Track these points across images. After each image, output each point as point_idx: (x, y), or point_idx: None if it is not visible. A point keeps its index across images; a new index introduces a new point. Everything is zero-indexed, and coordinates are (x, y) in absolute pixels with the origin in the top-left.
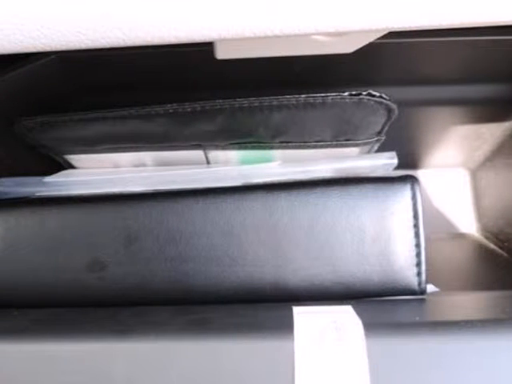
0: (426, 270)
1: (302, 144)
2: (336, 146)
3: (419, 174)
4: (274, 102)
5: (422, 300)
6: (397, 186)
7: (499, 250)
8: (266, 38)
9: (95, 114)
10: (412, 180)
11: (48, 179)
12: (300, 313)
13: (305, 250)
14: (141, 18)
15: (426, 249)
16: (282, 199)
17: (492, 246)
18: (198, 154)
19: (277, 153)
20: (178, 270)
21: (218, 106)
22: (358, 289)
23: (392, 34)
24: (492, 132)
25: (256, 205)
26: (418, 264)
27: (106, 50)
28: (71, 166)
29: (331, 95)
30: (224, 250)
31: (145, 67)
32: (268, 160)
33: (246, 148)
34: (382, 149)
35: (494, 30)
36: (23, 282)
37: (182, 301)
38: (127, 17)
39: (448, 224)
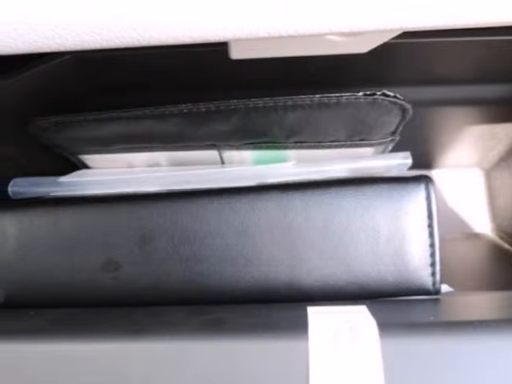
0: (441, 269)
1: (317, 144)
2: (350, 146)
3: (433, 174)
4: (289, 102)
5: (437, 300)
6: (411, 186)
7: None
8: (281, 38)
9: (110, 114)
10: (426, 180)
11: (62, 179)
12: (314, 313)
13: (319, 250)
14: (155, 18)
15: (440, 249)
16: (297, 199)
17: (506, 245)
18: (212, 154)
19: (291, 153)
20: (193, 270)
21: (233, 106)
22: (372, 289)
23: (406, 34)
24: (506, 132)
25: (270, 205)
26: (433, 264)
27: (120, 49)
28: (86, 166)
29: (345, 95)
30: (238, 250)
31: (159, 67)
32: (282, 160)
33: (260, 148)
34: (397, 149)
35: (509, 29)
36: (38, 282)
37: (196, 301)
38: (142, 17)
39: (462, 224)
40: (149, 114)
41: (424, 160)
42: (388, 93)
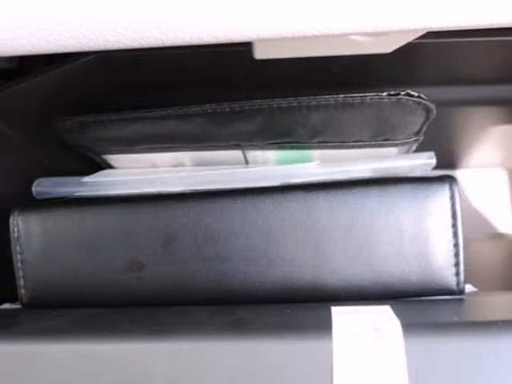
0: (465, 269)
1: (341, 144)
2: (374, 146)
3: (457, 174)
4: (313, 102)
5: (461, 300)
6: (435, 186)
7: None
8: (305, 38)
9: (134, 114)
10: (450, 180)
11: (87, 179)
12: (338, 313)
13: (343, 250)
14: (179, 18)
15: (464, 249)
16: (321, 199)
17: None
18: (236, 154)
19: (315, 153)
20: (217, 270)
21: (257, 106)
22: (396, 289)
23: (430, 34)
24: None
25: (294, 205)
26: (457, 264)
27: (144, 50)
28: (110, 166)
29: (369, 95)
30: (262, 250)
31: (183, 67)
32: (306, 160)
33: (284, 148)
34: (421, 149)
35: None
36: (62, 282)
37: (220, 301)
38: (166, 17)
39: (486, 224)
40: (173, 114)
41: (448, 160)
42: (412, 93)
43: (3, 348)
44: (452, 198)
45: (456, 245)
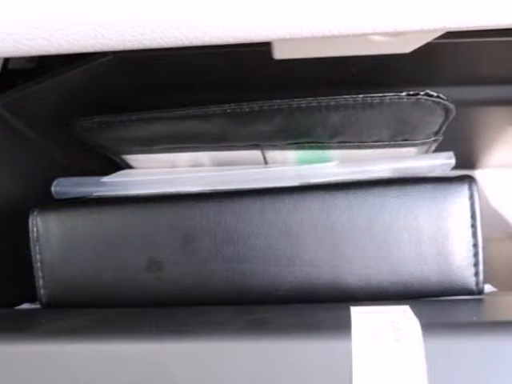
0: (484, 269)
1: (360, 144)
2: (393, 146)
3: (477, 173)
4: (332, 102)
5: (480, 300)
6: (454, 186)
7: None
8: (324, 38)
9: (153, 114)
10: (470, 180)
11: (106, 179)
12: (358, 313)
13: (362, 250)
14: (199, 18)
15: (483, 249)
16: (340, 199)
17: None
18: (255, 154)
19: (334, 153)
20: (236, 270)
21: (276, 106)
22: (415, 289)
23: (450, 34)
24: None
25: (314, 205)
26: (476, 264)
27: (163, 50)
28: (129, 166)
29: (389, 95)
30: (282, 250)
31: (202, 67)
32: (326, 160)
33: (303, 148)
34: (440, 149)
35: None
36: (81, 282)
37: (239, 301)
38: (185, 17)
39: (506, 224)
40: (192, 114)
41: (467, 160)
42: (431, 93)
43: (23, 348)
44: (471, 197)
45: (475, 245)
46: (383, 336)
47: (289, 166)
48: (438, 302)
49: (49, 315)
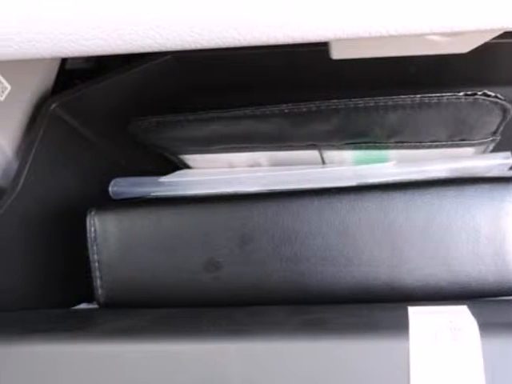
0: None
1: (417, 144)
2: (451, 146)
3: None
4: (390, 102)
5: None
6: None
7: None
8: (381, 37)
9: (210, 114)
10: None
11: (163, 179)
12: (415, 313)
13: (420, 250)
14: (256, 19)
15: None
16: (398, 199)
17: None
18: (313, 154)
19: (392, 153)
20: (293, 270)
21: (334, 106)
22: (473, 289)
23: (507, 34)
24: None
25: (371, 205)
26: None
27: (221, 49)
28: (186, 166)
29: (446, 95)
30: (339, 249)
31: (259, 67)
32: (383, 160)
33: (361, 148)
34: (497, 149)
35: None
36: (139, 282)
37: (297, 301)
38: (243, 17)
39: None
40: (249, 114)
41: None
42: (489, 93)
43: (81, 348)
44: None
45: None
46: (441, 336)
47: (346, 166)
48: (495, 302)
49: (106, 315)
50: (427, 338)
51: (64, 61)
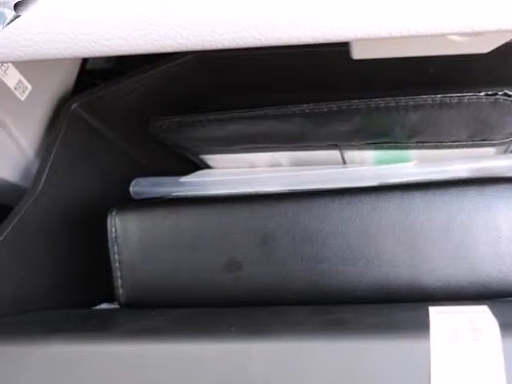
0: None
1: (438, 144)
2: (472, 146)
3: None
4: (411, 102)
5: None
6: None
7: None
8: (402, 37)
9: (231, 114)
10: None
11: (184, 179)
12: (436, 313)
13: (441, 250)
14: (277, 18)
15: None
16: (418, 199)
17: None
18: (334, 154)
19: (413, 153)
20: (314, 269)
21: (355, 106)
22: (493, 289)
23: None
24: None
25: (392, 205)
26: None
27: (241, 49)
28: (207, 166)
29: (467, 95)
30: (360, 249)
31: (280, 67)
32: (404, 160)
33: (382, 148)
34: None
35: None
36: (160, 281)
37: (317, 301)
38: (264, 17)
39: None
40: (270, 114)
41: None
42: (510, 93)
43: (102, 348)
44: None
45: None
46: (462, 336)
47: (367, 166)
48: None
49: (127, 315)
50: (448, 337)
51: (85, 61)
